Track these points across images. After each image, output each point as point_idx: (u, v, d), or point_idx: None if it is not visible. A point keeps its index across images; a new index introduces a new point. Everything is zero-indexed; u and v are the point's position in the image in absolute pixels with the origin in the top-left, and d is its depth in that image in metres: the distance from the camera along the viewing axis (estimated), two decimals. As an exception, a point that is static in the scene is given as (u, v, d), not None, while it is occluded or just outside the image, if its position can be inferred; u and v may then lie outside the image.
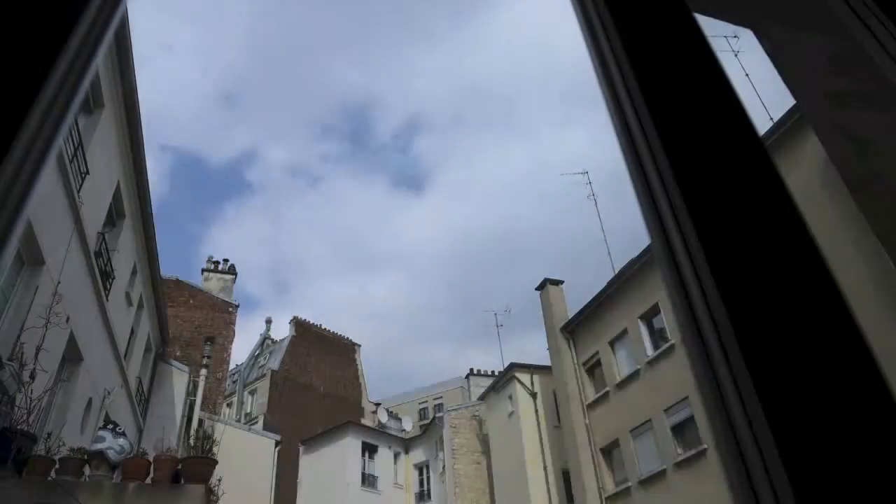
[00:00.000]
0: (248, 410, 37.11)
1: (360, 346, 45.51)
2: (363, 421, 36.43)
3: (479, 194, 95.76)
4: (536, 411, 24.92)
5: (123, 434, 7.67)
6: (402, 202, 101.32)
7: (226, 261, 27.80)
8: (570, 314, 22.98)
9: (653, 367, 18.31)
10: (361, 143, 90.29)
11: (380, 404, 42.35)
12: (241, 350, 49.19)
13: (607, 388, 20.23)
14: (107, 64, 10.79)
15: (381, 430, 33.94)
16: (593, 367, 21.36)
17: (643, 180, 0.84)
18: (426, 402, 46.48)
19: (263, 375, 38.32)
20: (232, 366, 31.72)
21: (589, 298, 21.63)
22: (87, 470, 7.31)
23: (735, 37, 13.11)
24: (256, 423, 33.10)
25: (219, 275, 27.04)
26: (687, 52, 0.93)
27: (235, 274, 27.32)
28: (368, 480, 30.30)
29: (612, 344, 20.41)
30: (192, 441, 8.02)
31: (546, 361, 24.03)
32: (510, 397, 26.06)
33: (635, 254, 19.29)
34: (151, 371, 18.80)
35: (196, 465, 7.47)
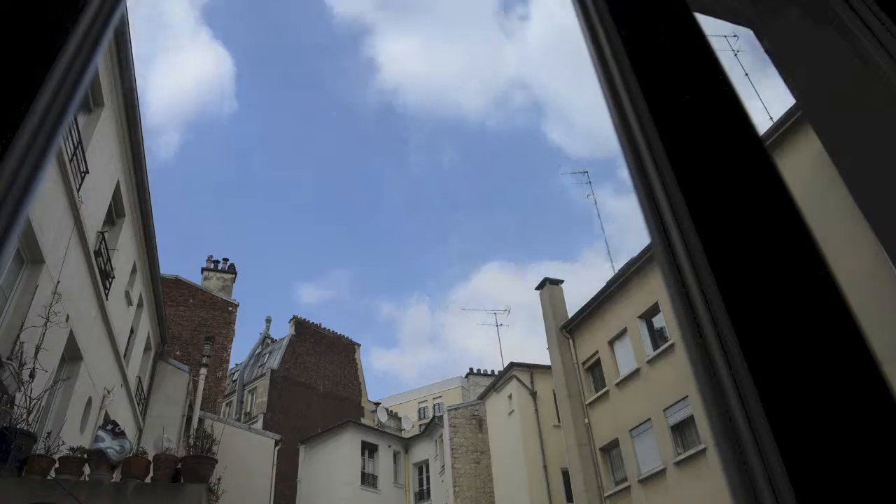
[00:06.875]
0: (248, 410, 37.08)
1: (359, 345, 45.53)
2: (363, 420, 36.44)
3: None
4: (536, 411, 24.94)
5: (123, 433, 7.68)
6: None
7: (225, 260, 27.81)
8: (571, 314, 23.01)
9: (652, 367, 18.31)
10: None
11: (379, 404, 42.37)
12: (240, 349, 49.23)
13: (607, 388, 20.23)
14: (107, 63, 10.79)
15: (380, 430, 33.94)
16: (593, 367, 21.36)
17: (643, 180, 0.84)
18: (426, 401, 46.50)
19: (263, 375, 38.30)
20: (232, 365, 31.73)
21: (589, 298, 21.66)
22: (86, 469, 7.31)
23: (735, 36, 13.14)
24: (256, 422, 33.08)
25: (218, 274, 27.05)
26: (687, 52, 0.93)
27: (235, 273, 27.33)
28: (368, 480, 30.31)
29: (611, 343, 20.41)
30: (191, 440, 8.01)
31: (546, 361, 24.04)
32: (510, 397, 26.08)
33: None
34: (151, 370, 18.80)
35: (196, 464, 7.48)
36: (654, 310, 18.66)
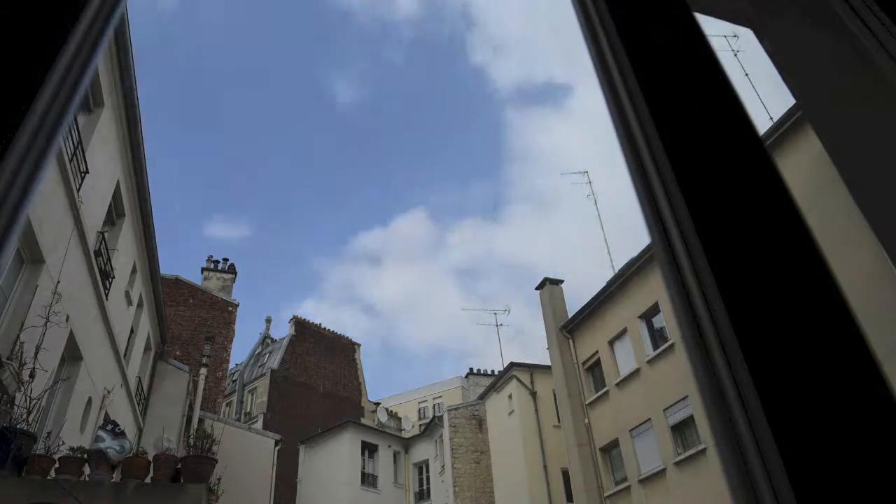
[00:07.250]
0: (248, 410, 37.08)
1: (359, 345, 45.54)
2: (363, 420, 36.45)
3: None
4: (536, 411, 24.94)
5: (123, 433, 7.68)
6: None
7: (225, 260, 27.84)
8: (571, 313, 23.01)
9: (652, 367, 18.31)
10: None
11: (379, 403, 42.36)
12: (240, 349, 49.16)
13: (607, 388, 20.24)
14: (107, 63, 10.79)
15: (380, 430, 33.94)
16: (593, 367, 21.36)
17: (643, 180, 0.84)
18: (426, 401, 46.49)
19: (263, 375, 38.31)
20: (232, 365, 31.73)
21: (589, 298, 21.66)
22: (86, 469, 7.31)
23: (735, 36, 13.13)
24: (256, 422, 33.08)
25: (218, 274, 27.06)
26: (687, 52, 0.93)
27: (235, 273, 27.35)
28: (368, 480, 30.31)
29: (611, 343, 20.41)
30: (191, 440, 8.01)
31: (546, 361, 24.05)
32: (510, 396, 26.08)
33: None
34: (151, 370, 18.80)
35: (196, 464, 7.47)
36: (654, 310, 18.66)
